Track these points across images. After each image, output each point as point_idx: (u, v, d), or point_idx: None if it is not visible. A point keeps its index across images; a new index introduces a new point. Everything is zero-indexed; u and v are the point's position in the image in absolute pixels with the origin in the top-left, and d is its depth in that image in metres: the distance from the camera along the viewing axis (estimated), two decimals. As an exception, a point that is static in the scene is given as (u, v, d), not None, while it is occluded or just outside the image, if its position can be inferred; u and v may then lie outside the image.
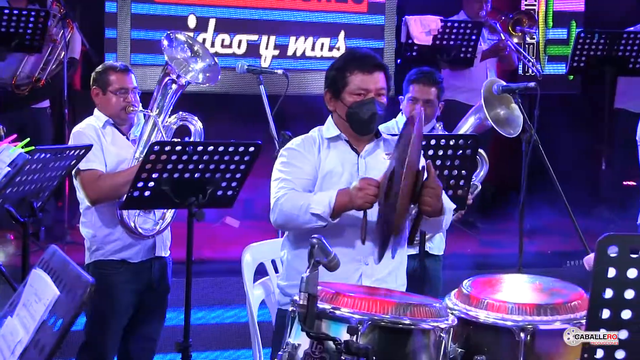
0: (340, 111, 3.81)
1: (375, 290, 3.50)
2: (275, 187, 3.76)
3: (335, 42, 8.23)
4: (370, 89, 3.75)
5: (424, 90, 5.05)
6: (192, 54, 4.88)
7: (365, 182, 3.54)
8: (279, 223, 3.72)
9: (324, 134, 3.85)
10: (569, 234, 6.46)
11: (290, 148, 3.85)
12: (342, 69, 3.79)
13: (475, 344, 3.19)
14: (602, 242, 2.40)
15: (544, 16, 8.98)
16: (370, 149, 3.84)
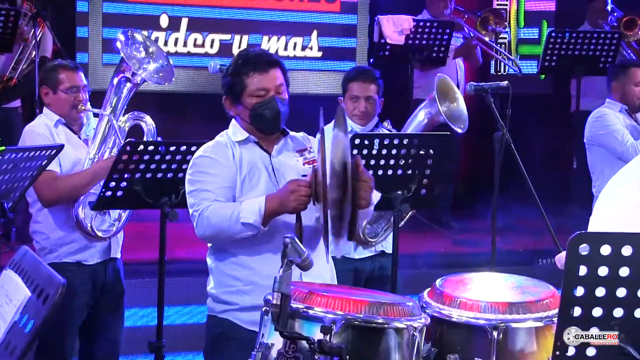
0: (243, 115, 3.72)
1: (349, 289, 3.50)
2: (194, 199, 3.62)
3: (308, 42, 8.23)
4: (269, 87, 3.68)
5: (364, 88, 5.06)
6: (147, 54, 4.85)
7: (296, 184, 3.49)
8: (207, 236, 3.61)
9: (233, 138, 3.75)
10: (541, 233, 6.50)
11: (202, 156, 3.71)
12: (238, 73, 3.70)
13: (448, 342, 3.20)
14: (574, 241, 2.41)
15: (515, 16, 9.03)
16: (280, 147, 3.76)
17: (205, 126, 7.50)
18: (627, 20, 8.26)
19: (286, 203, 3.49)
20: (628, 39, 8.26)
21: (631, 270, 2.41)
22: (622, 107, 6.29)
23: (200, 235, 3.62)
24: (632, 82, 6.26)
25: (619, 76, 6.32)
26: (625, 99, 6.28)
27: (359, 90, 5.07)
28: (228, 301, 3.68)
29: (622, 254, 2.41)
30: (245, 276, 3.64)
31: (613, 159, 6.19)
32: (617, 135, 6.15)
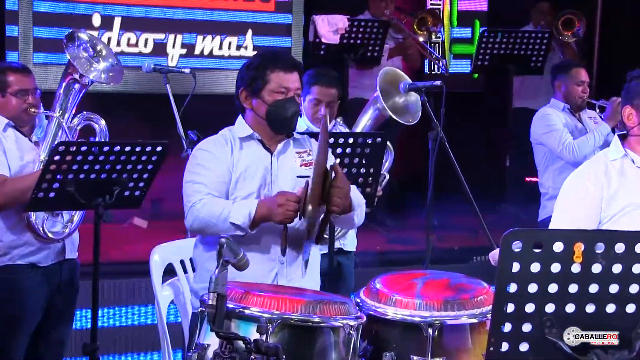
0: (258, 110, 3.78)
1: (286, 288, 3.50)
2: (189, 190, 3.72)
3: (243, 41, 8.20)
4: (290, 87, 3.76)
5: (327, 92, 5.06)
6: (95, 53, 4.80)
7: (285, 198, 3.55)
8: (195, 229, 3.69)
9: (236, 134, 3.83)
10: (475, 230, 6.57)
11: (202, 149, 3.81)
12: (262, 67, 3.77)
13: (384, 340, 3.21)
14: (507, 238, 2.45)
15: (448, 15, 9.12)
16: (282, 148, 3.84)
17: (139, 126, 7.45)
18: (565, 20, 8.39)
19: (274, 214, 3.57)
20: (565, 38, 8.38)
21: (562, 266, 2.45)
22: (565, 106, 6.40)
23: (188, 227, 3.70)
24: (574, 81, 6.36)
25: (562, 76, 6.42)
26: (568, 98, 6.38)
27: (321, 94, 5.06)
28: None
29: (553, 250, 2.45)
30: None
31: (555, 158, 6.31)
32: (556, 135, 6.24)
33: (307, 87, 5.08)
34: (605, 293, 2.48)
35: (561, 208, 3.67)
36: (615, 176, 3.61)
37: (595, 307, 2.50)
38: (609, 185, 3.59)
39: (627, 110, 3.67)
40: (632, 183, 3.60)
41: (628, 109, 3.66)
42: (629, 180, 3.60)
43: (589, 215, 3.56)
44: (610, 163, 3.65)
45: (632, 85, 3.67)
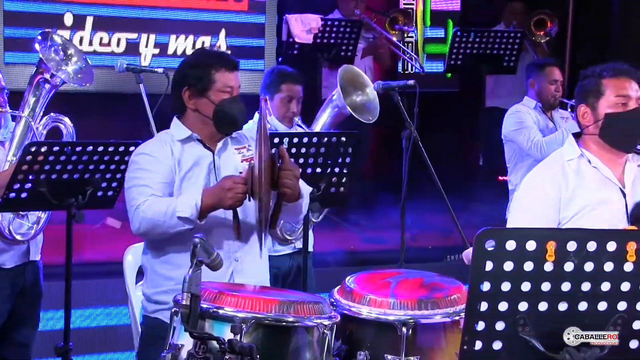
0: (204, 109, 3.74)
1: (260, 288, 3.50)
2: (132, 194, 3.65)
3: (216, 41, 8.18)
4: (234, 86, 3.75)
5: (297, 89, 5.12)
6: (66, 57, 4.77)
7: (232, 181, 3.52)
8: (143, 231, 3.61)
9: (174, 136, 3.77)
10: (448, 229, 6.59)
11: (142, 153, 3.75)
12: (206, 66, 3.74)
13: (358, 339, 3.22)
14: (480, 237, 2.45)
15: (421, 15, 9.14)
16: (222, 146, 3.81)
17: (112, 126, 7.42)
18: (537, 20, 8.43)
19: (222, 199, 3.52)
20: (537, 38, 8.43)
21: (535, 265, 2.47)
22: (537, 104, 6.46)
23: (135, 230, 3.63)
24: (548, 80, 6.44)
25: (536, 74, 6.50)
26: (541, 96, 6.45)
27: (292, 91, 5.11)
28: (160, 301, 3.68)
29: (526, 248, 2.46)
30: (178, 275, 3.59)
31: (524, 155, 6.37)
32: (526, 132, 6.31)
33: (275, 85, 5.10)
34: (578, 291, 2.50)
35: (519, 208, 3.66)
36: (572, 177, 3.60)
37: (568, 305, 2.51)
38: (567, 186, 3.58)
39: (581, 109, 3.66)
40: (589, 184, 3.59)
41: (583, 107, 3.66)
42: (586, 181, 3.59)
43: (547, 216, 3.55)
44: (566, 163, 3.63)
45: (585, 83, 3.67)
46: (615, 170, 3.63)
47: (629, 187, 3.61)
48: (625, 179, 3.62)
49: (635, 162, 3.66)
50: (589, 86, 3.64)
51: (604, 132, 3.60)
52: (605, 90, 3.60)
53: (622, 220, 3.56)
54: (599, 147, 3.63)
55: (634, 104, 3.59)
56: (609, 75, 3.61)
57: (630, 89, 3.59)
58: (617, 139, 3.60)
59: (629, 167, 3.64)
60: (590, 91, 3.63)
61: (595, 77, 3.63)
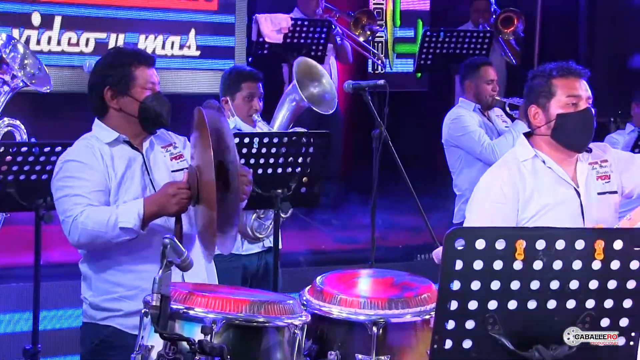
0: (128, 108, 3.63)
1: (231, 289, 3.49)
2: (65, 205, 3.51)
3: (186, 40, 8.16)
4: (155, 82, 3.68)
5: (257, 87, 5.12)
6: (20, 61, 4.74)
7: (176, 187, 3.44)
8: (83, 242, 3.51)
9: (101, 139, 3.66)
10: (419, 228, 6.60)
11: (70, 160, 3.60)
12: (125, 64, 3.65)
13: (329, 339, 3.22)
14: (450, 236, 2.46)
15: (391, 15, 9.16)
16: (149, 145, 3.71)
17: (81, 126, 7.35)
18: (504, 18, 8.47)
19: (166, 207, 3.45)
20: (505, 36, 8.47)
21: (504, 264, 2.48)
22: (475, 106, 6.38)
23: (75, 242, 3.52)
24: (484, 80, 6.34)
25: (471, 75, 6.39)
26: (478, 97, 6.36)
27: (255, 88, 5.10)
28: (110, 308, 3.61)
29: (495, 247, 2.47)
30: (128, 281, 3.59)
31: (471, 159, 6.27)
32: (474, 137, 6.21)
33: (235, 85, 5.10)
34: (546, 289, 2.51)
35: (477, 210, 3.63)
36: (529, 178, 3.60)
37: (537, 304, 2.53)
38: (524, 187, 3.58)
39: (532, 110, 3.65)
40: (545, 184, 3.60)
41: (534, 108, 3.65)
42: (542, 182, 3.60)
43: (506, 217, 3.54)
44: (521, 164, 3.63)
45: (535, 83, 3.66)
46: (568, 170, 3.64)
47: (582, 187, 3.63)
48: (579, 179, 3.64)
49: (586, 162, 3.67)
50: (539, 86, 3.63)
51: (556, 133, 3.60)
52: (556, 90, 3.59)
53: (578, 220, 3.58)
54: (551, 147, 3.63)
55: (584, 103, 3.60)
56: (559, 75, 3.60)
57: (580, 88, 3.60)
58: (569, 139, 3.60)
59: (581, 167, 3.66)
60: (541, 92, 3.62)
61: (545, 77, 3.62)
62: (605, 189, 3.65)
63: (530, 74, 3.72)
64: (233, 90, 5.12)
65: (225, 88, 5.16)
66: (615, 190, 3.67)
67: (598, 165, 3.67)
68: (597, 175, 3.66)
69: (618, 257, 2.51)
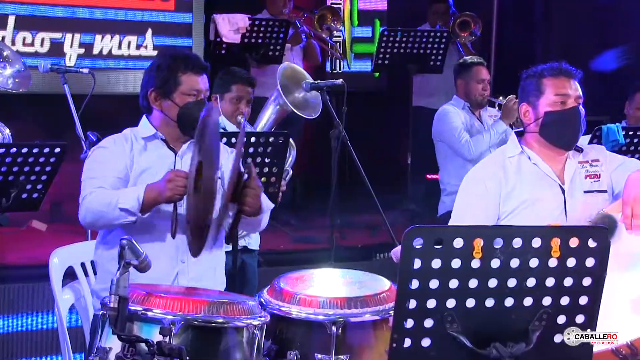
0: (169, 111, 3.77)
1: (189, 290, 3.48)
2: (83, 186, 3.70)
3: (143, 40, 8.11)
4: (201, 89, 3.77)
5: (248, 90, 5.20)
6: (2, 59, 4.69)
7: (174, 174, 3.54)
8: (88, 221, 3.65)
9: (139, 134, 3.81)
10: (378, 227, 6.63)
11: (100, 147, 3.80)
12: (175, 69, 3.76)
13: (289, 339, 3.22)
14: (408, 235, 2.47)
15: (349, 14, 9.18)
16: (186, 148, 3.82)
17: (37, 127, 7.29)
18: (461, 21, 8.53)
19: (162, 191, 3.53)
20: (462, 40, 8.52)
21: (462, 262, 2.49)
22: (465, 104, 6.50)
23: (81, 220, 3.66)
24: (475, 79, 6.48)
25: (463, 74, 6.54)
26: (469, 96, 6.49)
27: (243, 91, 5.19)
28: None
29: (453, 246, 2.49)
30: None
31: (455, 154, 6.41)
32: (454, 133, 6.35)
33: (226, 86, 5.15)
34: (504, 287, 2.53)
35: (461, 205, 3.75)
36: (512, 173, 3.70)
37: (495, 301, 2.55)
38: (507, 182, 3.68)
39: (523, 108, 3.77)
40: (528, 180, 3.69)
41: (524, 106, 3.76)
42: (525, 178, 3.70)
43: (487, 211, 3.65)
44: (507, 160, 3.74)
45: (527, 83, 3.78)
46: (556, 167, 3.72)
47: (567, 184, 3.70)
48: (565, 176, 3.71)
49: (575, 159, 3.75)
50: (530, 86, 3.75)
51: (543, 130, 3.70)
52: (546, 89, 3.70)
53: (560, 217, 3.64)
54: (540, 144, 3.73)
55: (572, 102, 3.69)
56: (549, 75, 3.70)
57: (570, 88, 3.69)
58: (557, 136, 3.70)
59: (569, 164, 3.74)
60: (531, 90, 3.74)
61: (536, 77, 3.73)
62: (594, 187, 3.72)
63: (524, 74, 3.81)
64: (223, 89, 5.18)
65: (216, 86, 5.21)
66: (604, 189, 3.74)
67: (588, 164, 3.75)
68: (585, 174, 3.73)
69: (574, 255, 2.53)
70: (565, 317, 2.58)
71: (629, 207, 3.32)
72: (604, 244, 2.54)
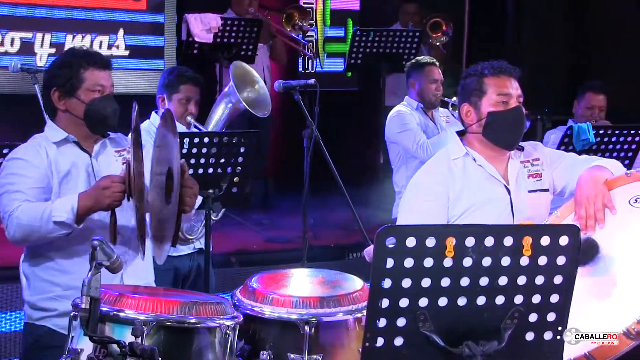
0: (75, 109, 3.63)
1: (161, 290, 3.46)
2: (4, 201, 3.52)
3: (115, 40, 8.07)
4: (105, 85, 3.64)
5: (195, 91, 5.11)
6: None
7: (110, 180, 3.42)
8: (18, 238, 3.48)
9: (50, 139, 3.65)
10: (350, 227, 6.64)
11: (14, 158, 3.62)
12: (76, 65, 3.62)
13: (261, 339, 3.21)
14: (380, 234, 2.47)
15: (321, 14, 9.18)
16: (99, 148, 3.71)
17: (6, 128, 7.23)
18: (433, 23, 8.56)
19: (100, 200, 3.42)
20: (433, 40, 8.56)
21: (434, 261, 2.50)
22: (418, 105, 6.46)
23: (11, 237, 3.49)
24: (428, 79, 6.43)
25: (416, 74, 6.48)
26: (422, 96, 6.45)
27: (192, 92, 5.09)
28: (46, 307, 3.59)
29: (426, 245, 2.49)
30: (65, 281, 3.56)
31: (409, 156, 6.37)
32: (410, 135, 6.29)
33: (174, 85, 5.08)
34: (476, 286, 2.54)
35: (409, 208, 3.68)
36: (459, 175, 3.65)
37: (467, 300, 2.55)
38: (454, 185, 3.62)
39: (465, 108, 3.71)
40: (475, 182, 3.65)
41: (466, 106, 3.70)
42: (472, 180, 3.65)
43: (436, 215, 3.58)
44: (452, 162, 3.68)
45: (467, 82, 3.71)
46: (499, 168, 3.69)
47: (513, 184, 3.68)
48: (509, 176, 3.69)
49: (517, 159, 3.72)
50: (471, 85, 3.68)
51: (486, 131, 3.65)
52: (487, 89, 3.64)
53: (508, 218, 3.63)
54: (483, 145, 3.69)
55: (514, 102, 3.65)
56: (490, 74, 3.65)
57: (511, 87, 3.65)
58: (500, 136, 3.66)
59: (512, 164, 3.71)
60: (473, 90, 3.67)
61: (477, 76, 3.67)
62: (537, 187, 3.71)
63: (464, 73, 3.77)
64: (171, 90, 5.10)
65: (163, 86, 5.14)
66: (546, 188, 3.73)
67: (530, 164, 3.72)
68: (528, 174, 3.71)
69: (545, 253, 2.54)
70: (536, 315, 2.59)
71: (582, 207, 3.37)
72: (574, 242, 2.55)
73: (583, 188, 3.40)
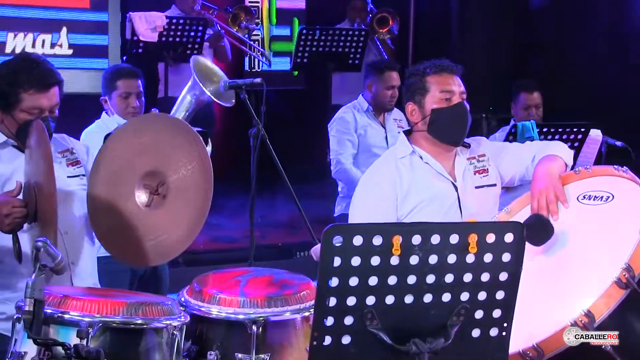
0: (9, 125, 3.53)
1: (107, 291, 3.43)
2: None
3: (58, 39, 7.98)
4: (44, 107, 3.50)
5: (134, 84, 5.12)
6: None
7: (10, 206, 3.30)
8: None
9: None
10: (298, 226, 6.64)
11: None
12: (15, 84, 3.47)
13: (209, 339, 3.20)
14: (328, 233, 2.48)
15: (267, 13, 9.17)
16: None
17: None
18: (379, 18, 8.59)
19: (1, 227, 3.31)
20: (381, 36, 8.59)
21: (381, 259, 2.51)
22: (369, 107, 6.48)
23: None
24: (385, 85, 6.44)
25: (374, 77, 6.49)
26: (376, 99, 6.46)
27: (131, 86, 5.09)
28: None
29: (373, 243, 2.50)
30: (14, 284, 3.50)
31: None
32: (339, 146, 6.38)
33: (112, 84, 5.07)
34: (423, 283, 2.55)
35: (358, 209, 3.72)
36: (406, 174, 3.70)
37: (414, 298, 2.56)
38: (402, 183, 3.68)
39: (409, 107, 3.77)
40: (422, 180, 3.70)
41: (410, 105, 3.77)
42: (419, 177, 3.70)
43: (386, 215, 3.63)
44: (399, 161, 3.73)
45: (411, 82, 3.77)
46: (446, 165, 3.75)
47: (460, 181, 3.74)
48: (456, 173, 3.75)
49: (464, 156, 3.78)
50: (415, 84, 3.75)
51: (431, 128, 3.72)
52: (430, 87, 3.71)
53: (455, 214, 3.68)
54: (429, 142, 3.75)
55: (457, 98, 3.72)
56: (432, 72, 3.72)
57: (453, 84, 3.72)
58: (444, 133, 3.72)
59: (459, 161, 3.77)
60: (417, 89, 3.74)
61: (420, 75, 3.74)
62: (484, 182, 3.77)
63: (407, 73, 3.82)
64: (110, 89, 5.09)
65: (104, 87, 5.14)
66: (494, 183, 3.79)
67: (476, 160, 3.78)
68: (474, 170, 3.77)
69: (491, 250, 2.57)
70: (482, 312, 2.61)
71: (535, 200, 3.43)
72: (519, 239, 2.58)
73: (538, 181, 3.48)
